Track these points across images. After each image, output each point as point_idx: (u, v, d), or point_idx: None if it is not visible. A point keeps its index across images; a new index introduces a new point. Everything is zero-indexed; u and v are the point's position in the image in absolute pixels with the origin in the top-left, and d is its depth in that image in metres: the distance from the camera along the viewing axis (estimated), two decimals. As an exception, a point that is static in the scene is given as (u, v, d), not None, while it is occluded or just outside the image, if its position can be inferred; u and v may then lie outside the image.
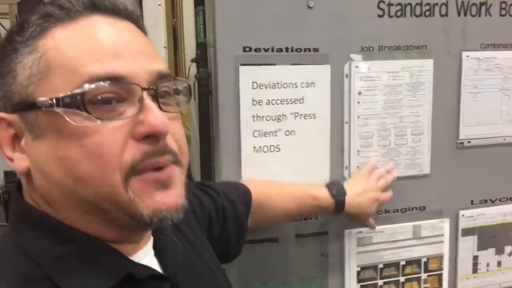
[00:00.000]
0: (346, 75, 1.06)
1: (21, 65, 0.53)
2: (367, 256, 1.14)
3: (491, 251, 1.25)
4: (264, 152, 1.03)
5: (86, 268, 0.52)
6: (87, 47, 0.52)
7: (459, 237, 1.21)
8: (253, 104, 1.01)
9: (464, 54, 1.14)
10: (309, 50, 1.03)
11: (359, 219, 1.09)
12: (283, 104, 1.03)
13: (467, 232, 1.22)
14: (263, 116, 1.02)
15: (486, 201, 1.22)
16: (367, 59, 1.07)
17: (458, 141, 1.17)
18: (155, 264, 0.60)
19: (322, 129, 1.06)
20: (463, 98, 1.15)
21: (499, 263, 1.26)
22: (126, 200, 0.51)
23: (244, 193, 0.96)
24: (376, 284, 1.15)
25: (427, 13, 1.09)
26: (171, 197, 0.53)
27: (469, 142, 1.18)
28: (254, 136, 1.02)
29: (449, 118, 1.16)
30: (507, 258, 1.26)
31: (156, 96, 0.54)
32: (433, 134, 1.14)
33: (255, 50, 0.99)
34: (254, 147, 1.02)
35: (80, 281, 0.51)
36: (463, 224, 1.21)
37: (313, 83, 1.04)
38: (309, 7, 1.01)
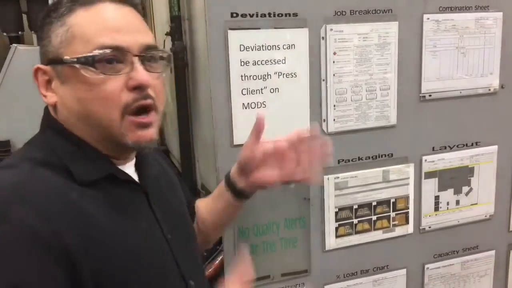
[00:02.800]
0: (322, 38, 1.19)
1: (55, 34, 0.77)
2: (344, 199, 1.30)
3: (450, 191, 1.42)
4: (252, 108, 1.16)
5: (87, 162, 0.78)
6: (99, 25, 0.76)
7: (422, 180, 1.38)
8: (241, 65, 1.13)
9: (425, 16, 1.28)
10: (289, 15, 1.15)
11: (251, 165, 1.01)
12: (267, 64, 1.15)
13: (429, 175, 1.39)
14: (250, 76, 1.14)
15: (445, 147, 1.39)
16: (340, 22, 1.20)
17: (420, 95, 1.32)
18: (135, 177, 0.85)
19: (302, 86, 1.20)
20: (424, 56, 1.30)
21: (457, 202, 1.44)
22: (119, 132, 0.77)
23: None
24: (352, 222, 1.32)
25: (392, -21, 1.23)
26: (148, 134, 0.79)
27: (430, 95, 1.33)
28: (243, 94, 1.14)
29: (412, 74, 1.31)
30: (464, 197, 1.44)
31: (143, 61, 0.78)
32: (398, 89, 1.29)
33: (242, 15, 1.11)
34: (243, 104, 1.15)
35: (81, 168, 0.76)
36: (425, 168, 1.38)
37: (294, 45, 1.16)
38: (289, -24, 1.12)
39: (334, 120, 1.24)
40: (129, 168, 0.86)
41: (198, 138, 2.75)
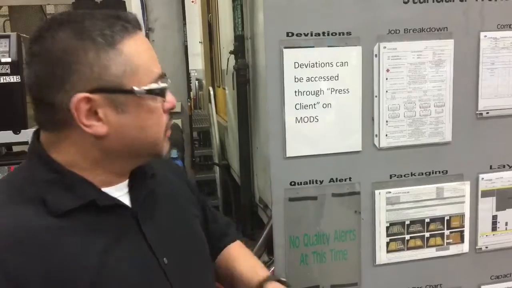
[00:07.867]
0: (376, 55, 1.22)
1: (113, 62, 0.75)
2: (395, 214, 1.30)
3: (509, 211, 1.39)
4: (305, 122, 1.21)
5: (66, 191, 0.77)
6: (149, 55, 0.81)
7: (479, 198, 1.36)
8: (295, 81, 1.19)
9: (482, 34, 1.28)
10: (343, 33, 1.20)
11: None
12: (320, 81, 1.20)
13: (487, 193, 1.36)
14: (303, 91, 1.20)
15: (504, 166, 1.36)
16: (394, 40, 1.23)
17: (477, 112, 1.31)
18: (126, 199, 0.85)
19: (355, 102, 1.23)
20: (481, 74, 1.30)
21: (517, 222, 1.40)
22: (161, 146, 0.84)
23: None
24: (404, 238, 1.32)
25: (448, -2, 1.24)
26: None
27: (487, 113, 1.32)
28: (296, 109, 1.20)
29: (468, 91, 1.30)
30: (525, 218, 1.40)
31: None
32: (454, 106, 1.29)
33: (297, 35, 1.17)
34: (296, 118, 1.20)
35: (57, 198, 0.76)
36: (482, 186, 1.35)
37: (347, 62, 1.21)
38: (343, -4, 1.17)
39: (386, 135, 1.26)
40: (120, 191, 0.84)
41: (257, 153, 2.83)
